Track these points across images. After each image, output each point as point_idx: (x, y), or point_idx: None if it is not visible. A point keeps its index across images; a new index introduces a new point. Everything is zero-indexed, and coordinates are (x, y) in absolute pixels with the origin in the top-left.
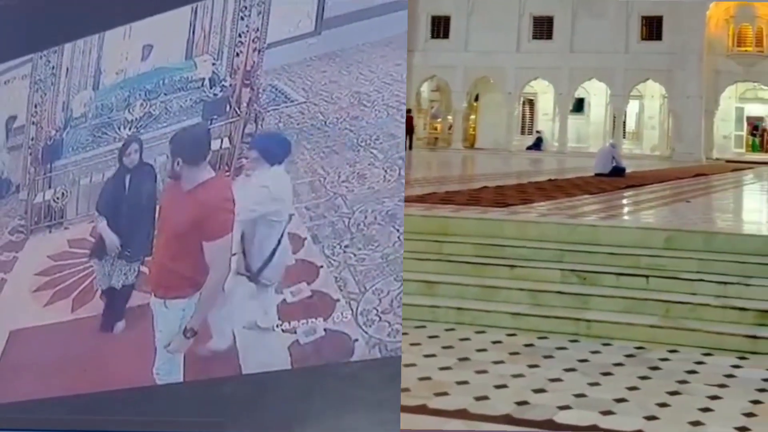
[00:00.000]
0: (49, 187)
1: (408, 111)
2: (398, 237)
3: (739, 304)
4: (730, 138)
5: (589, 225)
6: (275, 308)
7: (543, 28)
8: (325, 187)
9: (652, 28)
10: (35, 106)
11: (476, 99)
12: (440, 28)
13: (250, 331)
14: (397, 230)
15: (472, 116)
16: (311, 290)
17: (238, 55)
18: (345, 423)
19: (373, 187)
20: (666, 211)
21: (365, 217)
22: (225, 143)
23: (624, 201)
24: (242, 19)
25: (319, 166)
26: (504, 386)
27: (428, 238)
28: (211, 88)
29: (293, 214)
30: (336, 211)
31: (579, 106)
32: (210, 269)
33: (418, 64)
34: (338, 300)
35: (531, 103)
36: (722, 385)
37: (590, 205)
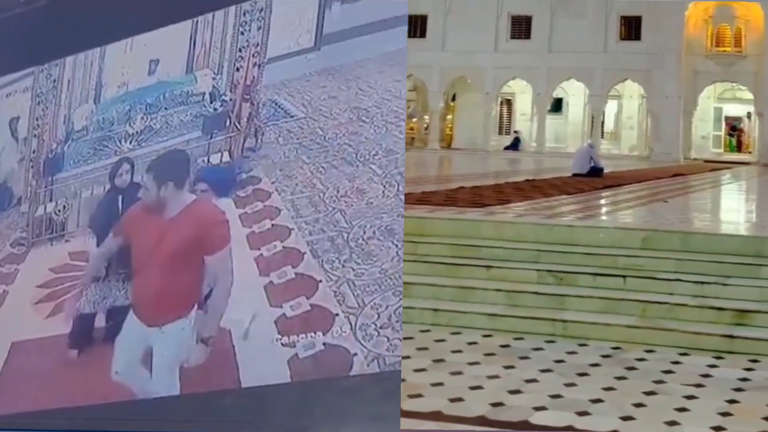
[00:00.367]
0: (51, 200)
1: None
2: (396, 252)
3: (716, 304)
4: (708, 138)
5: (566, 225)
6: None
7: (521, 27)
8: (324, 201)
9: (631, 28)
10: (37, 119)
11: (453, 99)
12: (417, 27)
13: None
14: (396, 245)
15: (449, 116)
16: (310, 304)
17: (238, 69)
18: None
19: (372, 203)
20: (643, 211)
21: (364, 232)
22: (225, 157)
23: (601, 201)
24: (242, 33)
25: (318, 181)
26: (479, 387)
27: (404, 239)
28: (211, 102)
29: (293, 229)
30: (335, 226)
31: (557, 106)
32: (216, 281)
33: None
34: (337, 314)
35: (509, 103)
36: (698, 385)
37: (568, 205)
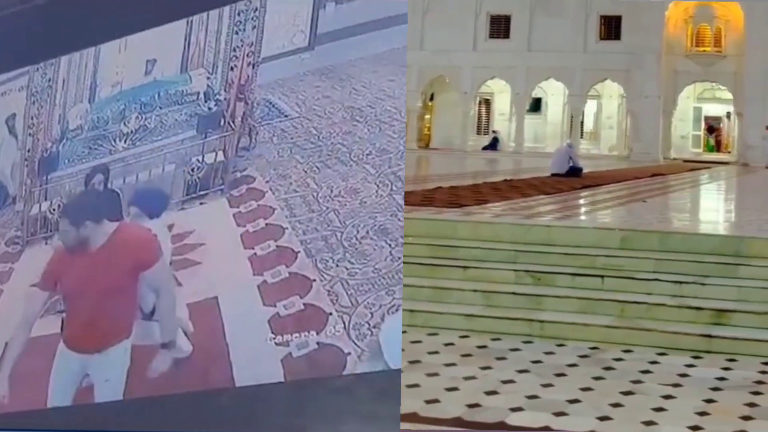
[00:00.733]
0: (45, 199)
1: None
2: (390, 252)
3: (694, 304)
4: (687, 138)
5: (544, 225)
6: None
7: (500, 26)
8: (317, 201)
9: (611, 28)
10: (32, 117)
11: (431, 98)
12: None
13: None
14: (390, 245)
15: (426, 116)
16: (304, 303)
17: (232, 69)
18: None
19: (365, 202)
20: (622, 211)
21: (357, 231)
22: (219, 156)
23: (580, 201)
24: (237, 33)
25: (312, 181)
26: (455, 389)
27: None
28: (205, 101)
29: (287, 228)
30: (329, 226)
31: (536, 105)
32: (159, 292)
33: None
34: (331, 314)
35: (487, 102)
36: (676, 385)
37: (546, 205)
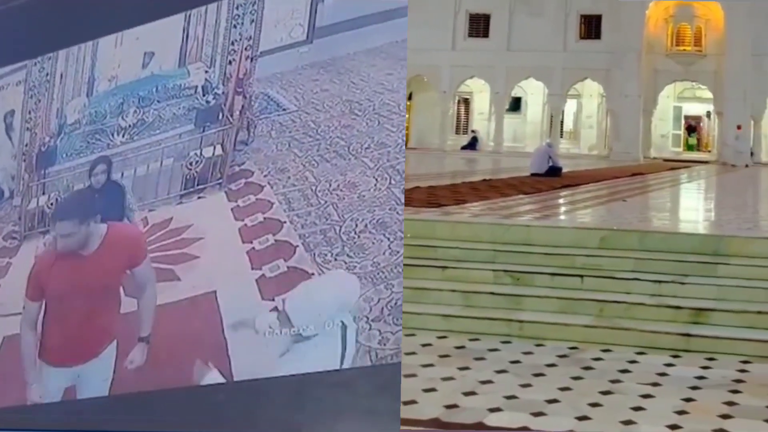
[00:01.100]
0: (43, 193)
1: None
2: (389, 246)
3: (674, 303)
4: (667, 137)
5: (522, 225)
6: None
7: (479, 25)
8: (316, 195)
9: (591, 27)
10: (29, 112)
11: (410, 98)
12: None
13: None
14: (388, 239)
15: (405, 115)
16: None
17: (230, 62)
18: (338, 430)
19: (364, 196)
20: (602, 210)
21: (356, 225)
22: (218, 150)
23: (560, 201)
24: (235, 27)
25: (311, 174)
26: (433, 390)
27: None
28: (203, 95)
29: (285, 222)
30: (327, 219)
31: (516, 105)
32: (144, 289)
33: None
34: None
35: (466, 102)
36: (655, 384)
37: (525, 205)
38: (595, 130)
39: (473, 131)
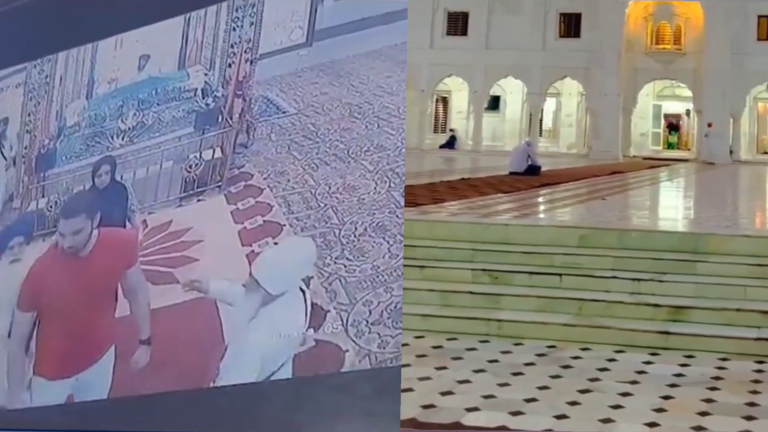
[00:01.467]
0: (43, 196)
1: None
2: (388, 249)
3: (652, 301)
4: (647, 135)
5: (501, 224)
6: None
7: (457, 23)
8: (316, 198)
9: (570, 25)
10: (29, 114)
11: None
12: None
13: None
14: (388, 242)
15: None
16: None
17: (230, 65)
18: None
19: (364, 199)
20: (581, 209)
21: (356, 228)
22: (217, 153)
23: (539, 200)
24: (234, 30)
25: (310, 177)
26: (410, 390)
27: None
28: (203, 98)
29: (284, 225)
30: (327, 222)
31: (494, 103)
32: (138, 291)
33: None
34: (329, 311)
35: (444, 100)
36: (633, 382)
37: (504, 204)
38: (575, 129)
39: (451, 130)
